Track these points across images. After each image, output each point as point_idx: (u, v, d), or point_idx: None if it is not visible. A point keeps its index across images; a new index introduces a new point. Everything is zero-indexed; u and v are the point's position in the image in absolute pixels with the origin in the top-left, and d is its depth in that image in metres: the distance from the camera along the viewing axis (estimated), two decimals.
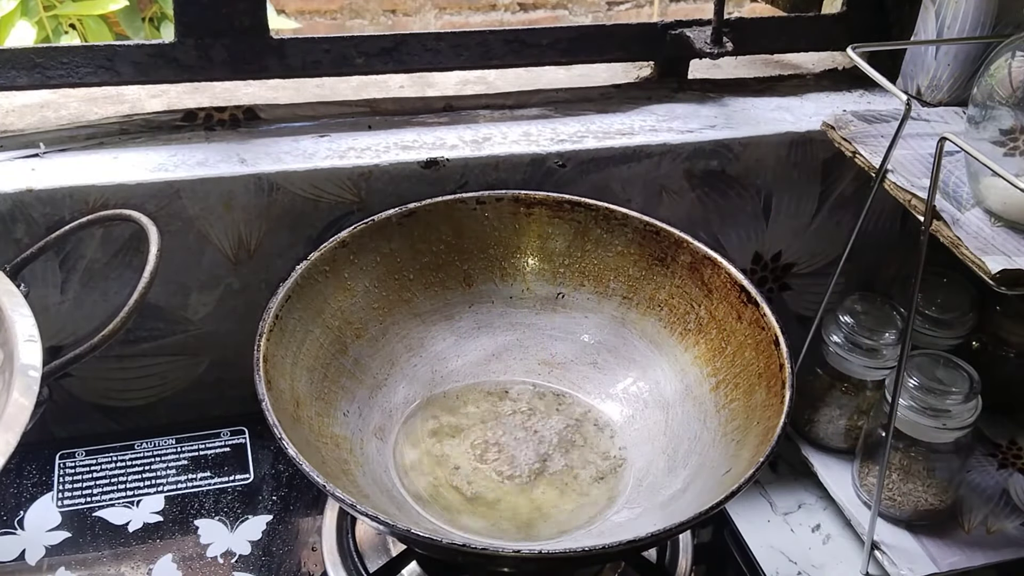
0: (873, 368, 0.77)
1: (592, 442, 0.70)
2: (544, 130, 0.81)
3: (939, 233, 0.65)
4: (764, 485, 0.82)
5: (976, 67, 0.76)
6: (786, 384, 0.60)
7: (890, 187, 0.69)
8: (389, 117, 0.82)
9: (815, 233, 0.89)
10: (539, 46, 0.84)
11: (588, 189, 0.78)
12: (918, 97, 0.85)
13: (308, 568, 0.68)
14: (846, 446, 0.81)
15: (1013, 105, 0.64)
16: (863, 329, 0.77)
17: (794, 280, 0.91)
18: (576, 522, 0.64)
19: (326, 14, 1.52)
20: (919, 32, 0.84)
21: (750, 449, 0.59)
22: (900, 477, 0.74)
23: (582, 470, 0.68)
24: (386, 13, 1.27)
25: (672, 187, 0.82)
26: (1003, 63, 0.65)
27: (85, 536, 0.69)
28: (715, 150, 0.81)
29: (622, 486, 0.67)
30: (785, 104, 0.88)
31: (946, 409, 0.71)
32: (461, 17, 1.27)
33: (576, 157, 0.78)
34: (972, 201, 0.69)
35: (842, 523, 0.79)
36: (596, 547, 0.52)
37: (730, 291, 0.68)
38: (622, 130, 0.81)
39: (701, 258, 0.70)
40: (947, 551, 0.74)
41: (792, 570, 0.75)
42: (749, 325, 0.66)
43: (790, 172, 0.85)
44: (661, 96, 0.88)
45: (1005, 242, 0.64)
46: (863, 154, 0.72)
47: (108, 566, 0.67)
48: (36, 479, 0.73)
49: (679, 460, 0.66)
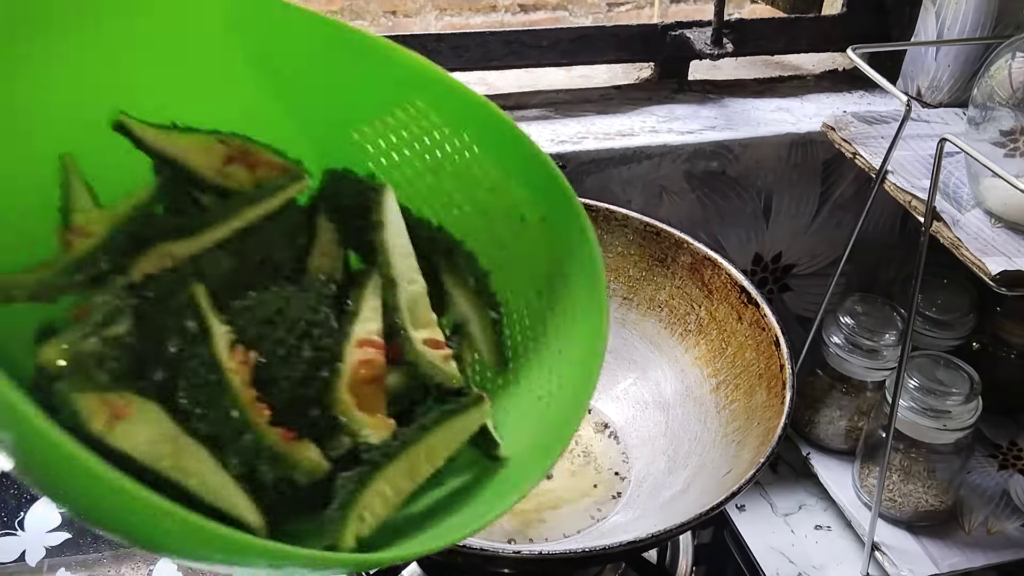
0: (873, 369, 0.77)
1: (592, 443, 0.70)
2: (544, 131, 0.81)
3: (939, 234, 0.65)
4: (764, 486, 0.82)
5: (976, 68, 0.76)
6: (786, 385, 0.60)
7: (890, 188, 0.69)
8: None
9: (815, 234, 0.89)
10: (539, 47, 0.84)
11: (588, 190, 0.78)
12: (918, 98, 0.85)
13: None
14: (846, 447, 0.81)
15: (1013, 106, 0.64)
16: (863, 330, 0.77)
17: (794, 281, 0.91)
18: (576, 523, 0.64)
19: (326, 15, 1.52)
20: (919, 33, 0.84)
21: (750, 450, 0.59)
22: (900, 478, 0.74)
23: (582, 471, 0.68)
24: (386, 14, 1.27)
25: (672, 188, 0.82)
26: (1003, 64, 0.65)
27: (85, 537, 0.69)
28: (715, 151, 0.81)
29: (622, 487, 0.67)
30: (785, 105, 0.88)
31: (946, 410, 0.71)
32: (461, 18, 1.26)
33: (576, 158, 0.78)
34: (972, 202, 0.69)
35: (842, 524, 0.79)
36: (596, 548, 0.52)
37: (730, 292, 0.68)
38: (622, 131, 0.81)
39: (701, 259, 0.70)
40: (947, 552, 0.74)
41: (792, 571, 0.75)
42: (749, 326, 0.66)
43: (790, 173, 0.85)
44: (661, 97, 0.88)
45: (1005, 243, 0.64)
46: (863, 155, 0.72)
47: (108, 567, 0.67)
48: None
49: (679, 461, 0.66)
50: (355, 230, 0.46)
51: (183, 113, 0.43)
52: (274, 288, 0.42)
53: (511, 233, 0.47)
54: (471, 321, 0.47)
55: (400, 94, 0.46)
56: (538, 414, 0.45)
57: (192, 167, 0.43)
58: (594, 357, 0.43)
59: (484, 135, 0.46)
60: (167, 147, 0.42)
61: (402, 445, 0.39)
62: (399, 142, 0.47)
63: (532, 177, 0.46)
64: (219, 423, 0.37)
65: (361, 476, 0.38)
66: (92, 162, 0.41)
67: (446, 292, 0.46)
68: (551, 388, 0.46)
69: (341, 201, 0.46)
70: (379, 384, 0.42)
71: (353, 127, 0.47)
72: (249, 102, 0.45)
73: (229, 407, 0.37)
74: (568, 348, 0.46)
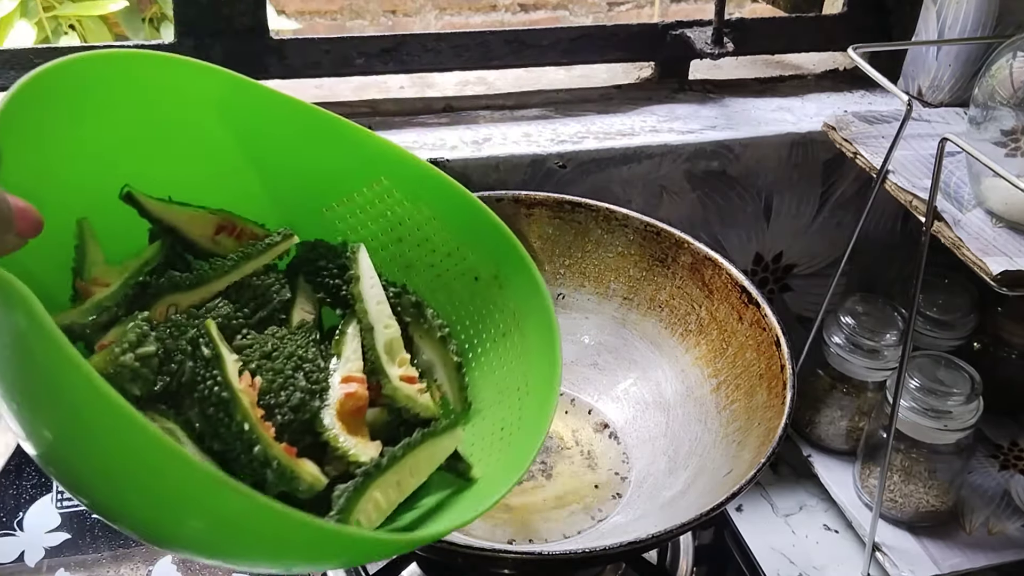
0: (874, 369, 0.77)
1: (592, 443, 0.70)
2: (544, 131, 0.80)
3: (940, 234, 0.65)
4: (765, 486, 0.82)
5: (977, 68, 0.76)
6: (787, 385, 0.60)
7: (891, 188, 0.69)
8: (389, 118, 0.82)
9: (816, 234, 0.89)
10: (539, 47, 0.84)
11: (588, 190, 0.78)
12: (919, 98, 0.84)
13: None
14: (847, 447, 0.81)
15: (1014, 106, 0.64)
16: (864, 330, 0.77)
17: (795, 281, 0.91)
18: (576, 523, 0.64)
19: (326, 15, 1.52)
20: (920, 32, 0.84)
21: (751, 450, 0.59)
22: (901, 478, 0.74)
23: (582, 471, 0.68)
24: (386, 14, 1.27)
25: (673, 188, 0.82)
26: (1004, 63, 0.65)
27: (84, 537, 0.69)
28: (716, 151, 0.81)
29: (622, 487, 0.67)
30: (786, 105, 0.88)
31: (947, 410, 0.71)
32: (461, 18, 1.27)
33: (576, 158, 0.78)
34: (973, 202, 0.69)
35: (843, 524, 0.79)
36: (596, 548, 0.52)
37: (731, 292, 0.68)
38: (623, 131, 0.81)
39: (702, 259, 0.70)
40: (948, 552, 0.74)
41: (793, 571, 0.75)
42: (750, 326, 0.66)
43: (791, 173, 0.84)
44: (662, 97, 0.88)
45: (1006, 243, 0.64)
46: (864, 155, 0.72)
47: (108, 568, 0.67)
48: (36, 480, 0.73)
49: (680, 461, 0.66)
50: (330, 287, 0.52)
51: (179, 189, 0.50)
52: (268, 331, 0.48)
53: (468, 291, 0.55)
54: (436, 367, 0.53)
55: (366, 172, 0.53)
56: (502, 441, 0.51)
57: (189, 235, 0.50)
58: (550, 393, 0.50)
59: (440, 206, 0.53)
60: (167, 217, 0.49)
61: (392, 458, 0.45)
62: (364, 216, 0.54)
63: (484, 240, 0.53)
64: (231, 438, 0.42)
65: (356, 485, 0.43)
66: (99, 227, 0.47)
67: (413, 343, 0.53)
68: (513, 419, 0.52)
69: (317, 263, 0.53)
70: (362, 414, 0.48)
71: (324, 204, 0.54)
72: (234, 182, 0.52)
73: (241, 421, 0.42)
74: (526, 385, 0.52)
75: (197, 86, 0.49)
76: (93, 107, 0.45)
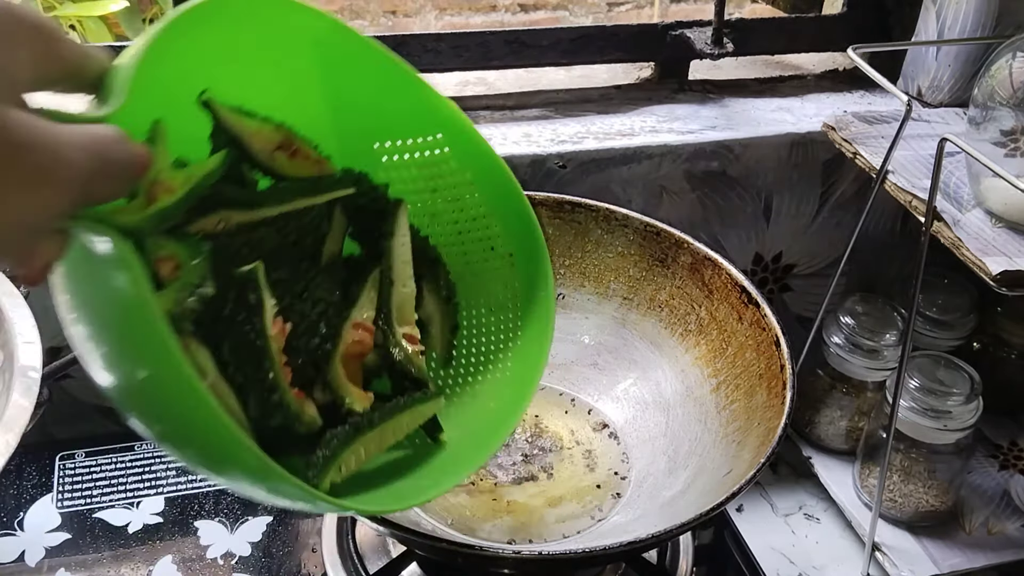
0: (874, 369, 0.77)
1: (592, 443, 0.70)
2: (544, 131, 0.81)
3: (940, 234, 0.65)
4: (765, 486, 0.82)
5: (977, 68, 0.76)
6: (787, 385, 0.60)
7: (891, 188, 0.69)
8: None
9: (816, 234, 0.89)
10: (539, 47, 0.84)
11: (588, 190, 0.78)
12: (919, 98, 0.85)
13: (308, 569, 0.68)
14: (847, 447, 0.81)
15: (1014, 106, 0.64)
16: (864, 330, 0.77)
17: (795, 281, 0.91)
18: (576, 523, 0.64)
19: None
20: (920, 33, 0.84)
21: (751, 450, 0.59)
22: (901, 478, 0.74)
23: (582, 471, 0.68)
24: (386, 14, 1.27)
25: (673, 188, 0.82)
26: (1004, 64, 0.65)
27: (85, 537, 0.69)
28: (716, 151, 0.81)
29: (622, 487, 0.67)
30: (786, 105, 0.88)
31: (947, 410, 0.71)
32: (461, 18, 1.26)
33: (576, 158, 0.78)
34: (973, 202, 0.69)
35: (843, 524, 0.79)
36: (596, 548, 0.52)
37: (731, 292, 0.68)
38: (622, 131, 0.81)
39: (702, 259, 0.70)
40: (948, 552, 0.74)
41: (793, 571, 0.75)
42: (750, 326, 0.66)
43: (791, 173, 0.84)
44: (661, 97, 0.88)
45: (1006, 243, 0.64)
46: (864, 155, 0.72)
47: (108, 568, 0.67)
48: (36, 480, 0.73)
49: (680, 461, 0.66)
50: (364, 227, 0.55)
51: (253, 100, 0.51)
52: (303, 266, 0.51)
53: (480, 257, 0.57)
54: (434, 322, 0.56)
55: (428, 125, 0.55)
56: (477, 418, 0.54)
57: (250, 148, 0.51)
58: (530, 382, 0.53)
59: (483, 178, 0.55)
60: (236, 127, 0.50)
61: (380, 418, 0.48)
62: (410, 161, 0.55)
63: (512, 222, 0.55)
64: (253, 379, 0.45)
65: (345, 436, 0.47)
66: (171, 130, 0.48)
67: (422, 293, 0.55)
68: (492, 400, 0.55)
69: (357, 201, 0.54)
70: (361, 359, 0.51)
71: (377, 138, 0.55)
72: (304, 101, 0.53)
73: (268, 369, 0.45)
74: (511, 368, 0.55)
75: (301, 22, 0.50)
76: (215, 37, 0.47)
